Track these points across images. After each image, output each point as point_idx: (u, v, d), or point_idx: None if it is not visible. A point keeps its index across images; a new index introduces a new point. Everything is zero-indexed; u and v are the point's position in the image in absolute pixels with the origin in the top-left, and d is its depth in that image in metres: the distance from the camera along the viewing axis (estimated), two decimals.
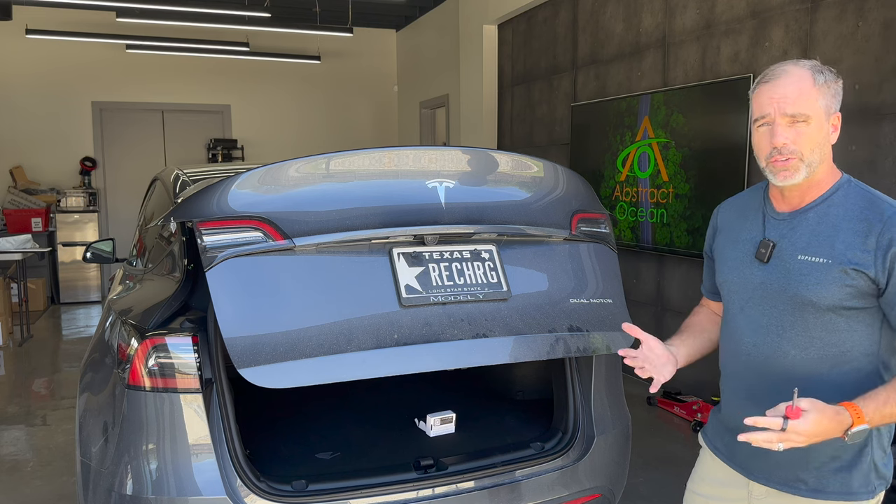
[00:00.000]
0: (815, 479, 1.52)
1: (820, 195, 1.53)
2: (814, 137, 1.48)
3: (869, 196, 1.49)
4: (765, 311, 1.56)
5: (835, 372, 1.50)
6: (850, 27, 3.63)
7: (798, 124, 1.47)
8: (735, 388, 1.65)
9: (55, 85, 8.81)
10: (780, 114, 1.48)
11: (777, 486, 1.57)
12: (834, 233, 1.48)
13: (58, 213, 8.55)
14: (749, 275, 1.59)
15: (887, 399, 1.38)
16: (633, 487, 3.38)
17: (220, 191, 1.95)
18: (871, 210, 1.46)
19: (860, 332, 1.49)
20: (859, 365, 1.50)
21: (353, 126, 10.19)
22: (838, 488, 1.51)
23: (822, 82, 1.47)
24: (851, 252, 1.44)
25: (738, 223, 1.67)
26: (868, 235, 1.44)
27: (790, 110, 1.47)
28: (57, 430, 4.35)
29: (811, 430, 1.32)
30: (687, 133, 4.62)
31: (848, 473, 1.51)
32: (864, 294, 1.45)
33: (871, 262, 1.43)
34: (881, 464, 1.53)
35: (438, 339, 1.98)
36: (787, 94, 1.48)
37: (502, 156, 2.35)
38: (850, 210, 1.48)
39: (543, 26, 6.38)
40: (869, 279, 1.43)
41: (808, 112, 1.47)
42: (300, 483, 2.07)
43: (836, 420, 1.35)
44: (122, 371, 2.06)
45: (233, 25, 8.08)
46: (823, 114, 1.48)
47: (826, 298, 1.47)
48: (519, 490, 2.22)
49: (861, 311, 1.47)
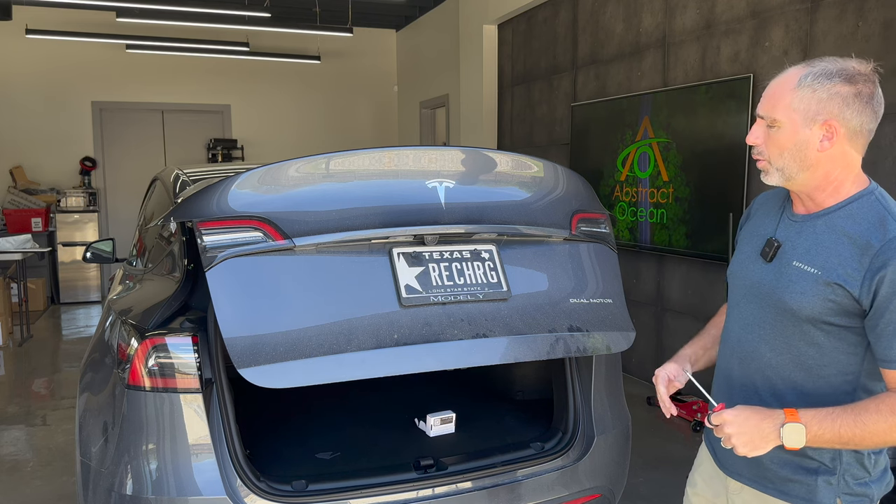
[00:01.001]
0: (781, 480, 1.52)
1: (837, 202, 1.44)
2: (781, 143, 1.43)
3: (882, 213, 1.40)
4: (753, 309, 1.56)
5: (808, 382, 1.47)
6: (850, 27, 3.63)
7: (768, 128, 1.46)
8: (719, 382, 1.68)
9: (55, 85, 8.81)
10: (757, 112, 1.49)
11: (749, 483, 1.59)
12: (834, 245, 1.41)
13: (58, 213, 8.55)
14: (750, 271, 1.58)
15: (831, 412, 1.35)
16: (633, 487, 3.38)
17: (220, 191, 1.95)
18: (878, 228, 1.37)
19: (840, 349, 1.43)
20: (834, 382, 1.45)
21: (353, 126, 10.19)
22: (802, 494, 1.49)
23: (806, 84, 1.38)
24: (843, 268, 1.38)
25: (762, 217, 1.64)
26: (864, 254, 1.37)
27: (761, 111, 1.47)
28: (57, 430, 4.35)
29: (736, 420, 1.37)
30: (687, 133, 4.62)
31: (813, 481, 1.48)
32: (847, 312, 1.40)
33: (859, 281, 1.36)
34: (857, 482, 1.47)
35: (438, 339, 1.98)
36: (766, 94, 1.47)
37: (502, 156, 2.35)
38: (858, 224, 1.40)
39: (543, 26, 6.38)
40: (852, 298, 1.37)
41: (777, 116, 1.42)
42: (300, 483, 2.07)
43: (767, 415, 1.37)
44: (122, 371, 2.06)
45: (233, 25, 8.08)
46: (800, 118, 1.39)
47: (806, 309, 1.43)
48: (519, 490, 2.22)
49: (843, 330, 1.42)
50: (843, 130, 1.40)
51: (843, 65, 1.39)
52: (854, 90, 1.37)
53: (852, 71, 1.39)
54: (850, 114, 1.38)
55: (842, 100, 1.38)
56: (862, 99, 1.38)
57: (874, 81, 1.40)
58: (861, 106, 1.38)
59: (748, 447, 1.37)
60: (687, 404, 4.51)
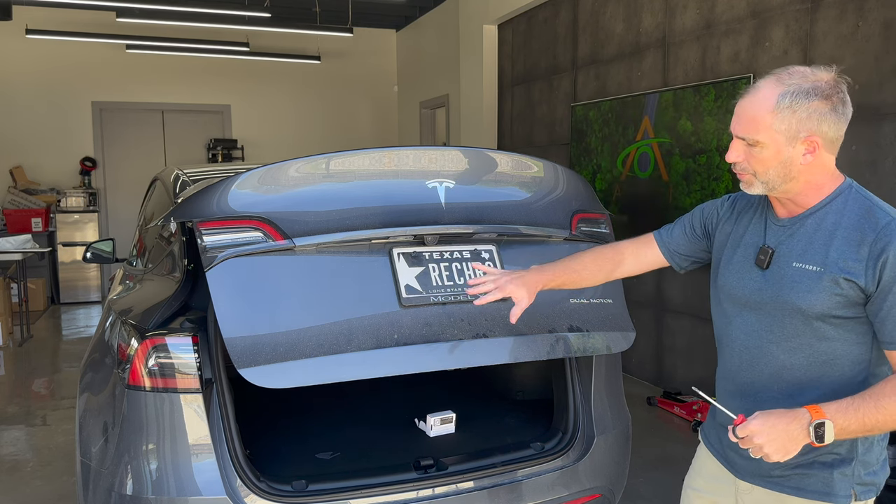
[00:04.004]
0: (796, 476, 1.53)
1: (818, 201, 1.50)
2: (767, 161, 1.47)
3: (867, 204, 1.47)
4: (759, 316, 1.57)
5: (823, 378, 1.49)
6: (850, 27, 3.63)
7: (750, 147, 1.48)
8: (727, 389, 1.68)
9: (55, 85, 8.81)
10: (734, 132, 1.51)
11: (761, 483, 1.59)
12: (829, 241, 1.46)
13: (58, 213, 8.55)
14: (748, 280, 1.59)
15: (851, 402, 1.37)
16: (633, 487, 3.38)
17: (220, 191, 1.95)
18: (868, 219, 1.44)
19: (850, 340, 1.48)
20: (848, 373, 1.49)
21: (353, 126, 10.19)
22: (819, 488, 1.51)
23: (785, 106, 1.42)
24: (844, 261, 1.43)
25: (743, 226, 1.66)
26: (861, 244, 1.42)
27: (740, 133, 1.50)
28: (57, 430, 4.35)
29: (763, 428, 1.35)
30: (686, 132, 4.62)
31: (829, 474, 1.50)
32: (854, 304, 1.44)
33: (863, 271, 1.41)
34: (867, 471, 1.52)
35: (438, 339, 1.98)
36: (742, 115, 1.49)
37: (502, 156, 2.35)
38: (846, 218, 1.46)
39: (543, 26, 6.38)
40: (859, 288, 1.42)
41: (759, 138, 1.46)
42: (300, 483, 2.07)
43: (792, 416, 1.36)
44: (122, 371, 2.06)
45: (233, 25, 8.08)
46: (783, 138, 1.44)
47: (815, 307, 1.46)
48: (519, 490, 2.22)
49: (851, 321, 1.46)
50: (822, 142, 1.46)
51: (814, 80, 1.44)
52: (830, 105, 1.43)
53: (825, 86, 1.43)
54: (828, 127, 1.44)
55: (820, 116, 1.43)
56: (837, 111, 1.44)
57: (843, 88, 1.46)
58: (836, 117, 1.44)
59: (780, 453, 1.36)
60: (687, 404, 4.51)
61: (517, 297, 1.68)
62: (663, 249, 1.82)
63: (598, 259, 1.83)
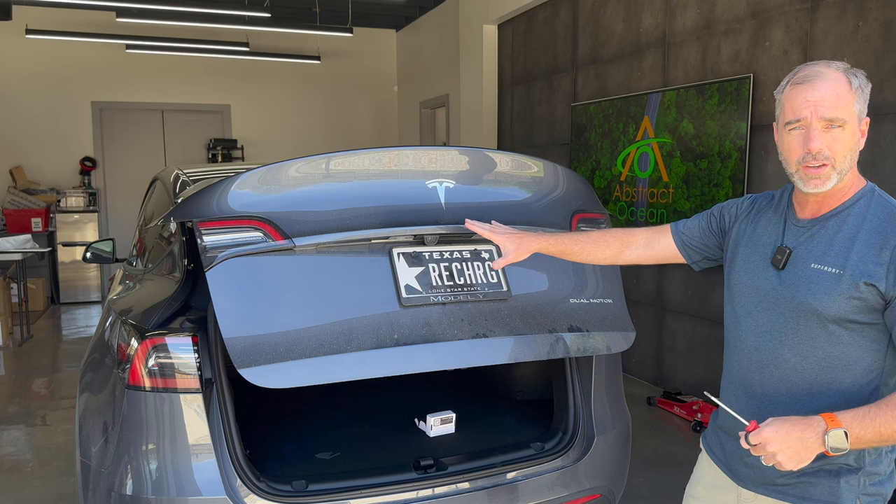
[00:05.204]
0: (801, 485, 1.51)
1: (841, 203, 1.49)
2: (847, 143, 1.44)
3: (890, 208, 1.45)
4: (771, 317, 1.54)
5: (833, 384, 1.47)
6: (850, 27, 3.63)
7: (834, 130, 1.43)
8: (734, 392, 1.64)
9: (55, 85, 8.81)
10: (816, 118, 1.42)
11: (764, 492, 1.56)
12: (850, 244, 1.44)
13: (58, 213, 8.55)
14: (763, 280, 1.56)
15: (868, 412, 1.34)
16: (633, 487, 3.38)
17: (220, 191, 1.95)
18: (891, 223, 1.42)
19: (864, 347, 1.45)
20: (860, 380, 1.46)
21: (353, 126, 10.19)
22: (824, 497, 1.49)
23: (857, 86, 1.44)
24: (864, 264, 1.41)
25: (763, 227, 1.63)
26: (883, 248, 1.40)
27: (828, 114, 1.42)
28: (57, 430, 4.35)
29: (777, 436, 1.32)
30: (687, 134, 4.62)
31: (835, 482, 1.48)
32: (872, 309, 1.42)
33: (883, 275, 1.39)
34: (873, 482, 1.49)
35: (438, 339, 1.98)
36: (826, 97, 1.42)
37: (502, 156, 2.35)
38: (868, 221, 1.44)
39: (543, 26, 6.38)
40: (878, 293, 1.40)
41: (845, 117, 1.43)
42: (300, 483, 2.07)
43: (807, 424, 1.33)
44: (122, 371, 2.06)
45: (232, 25, 8.08)
46: (857, 119, 1.44)
47: (832, 309, 1.43)
48: (519, 490, 2.22)
49: (867, 327, 1.44)
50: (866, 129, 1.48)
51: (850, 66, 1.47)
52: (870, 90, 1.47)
53: None
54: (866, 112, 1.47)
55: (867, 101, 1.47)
56: None
57: None
58: None
59: (794, 461, 1.33)
60: (687, 404, 4.51)
61: (506, 248, 1.73)
62: (676, 239, 1.79)
63: (607, 236, 1.82)
